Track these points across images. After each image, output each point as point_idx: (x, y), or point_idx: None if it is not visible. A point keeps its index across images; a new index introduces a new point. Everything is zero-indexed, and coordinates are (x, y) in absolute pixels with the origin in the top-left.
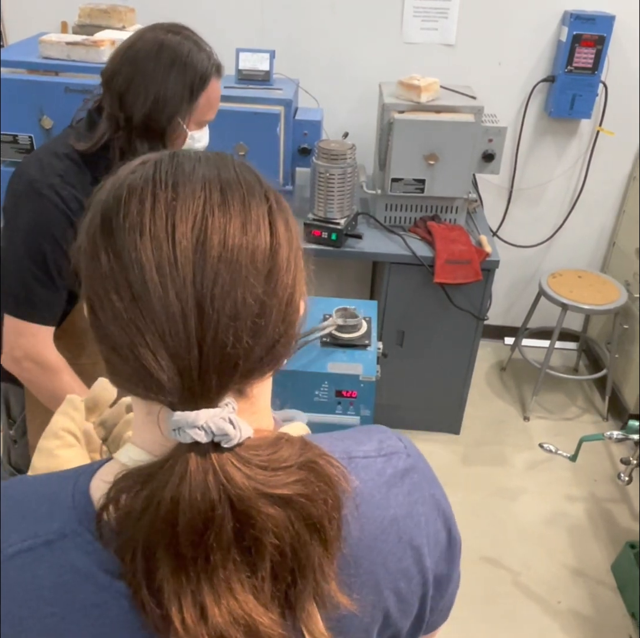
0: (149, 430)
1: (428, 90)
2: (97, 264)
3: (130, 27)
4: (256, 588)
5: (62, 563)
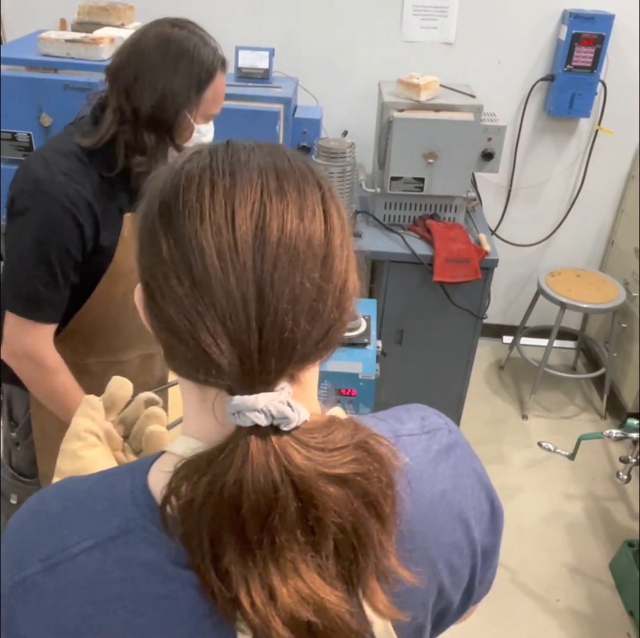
0: (203, 418)
1: (427, 88)
2: (156, 250)
3: (129, 25)
4: (321, 567)
5: (128, 558)
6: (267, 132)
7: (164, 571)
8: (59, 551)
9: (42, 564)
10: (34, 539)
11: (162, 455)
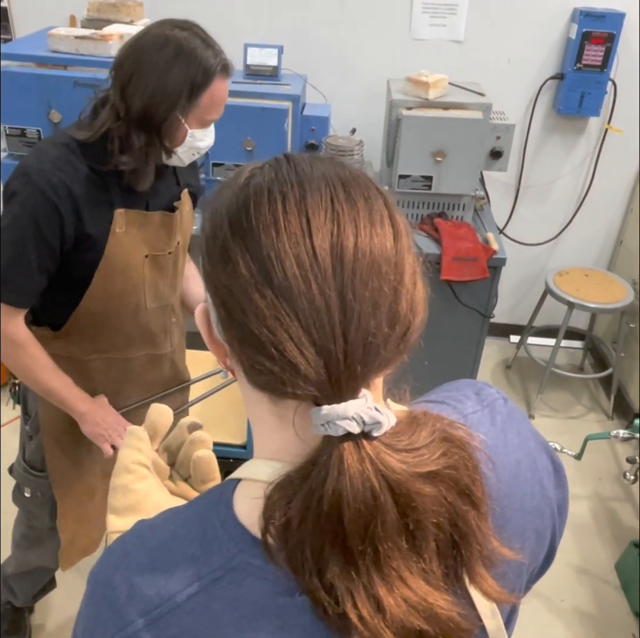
0: (281, 436)
1: (436, 86)
2: (232, 267)
3: (138, 22)
4: (425, 571)
5: (237, 597)
6: (275, 130)
7: (276, 603)
8: (161, 603)
9: (144, 619)
10: (128, 594)
11: (239, 483)
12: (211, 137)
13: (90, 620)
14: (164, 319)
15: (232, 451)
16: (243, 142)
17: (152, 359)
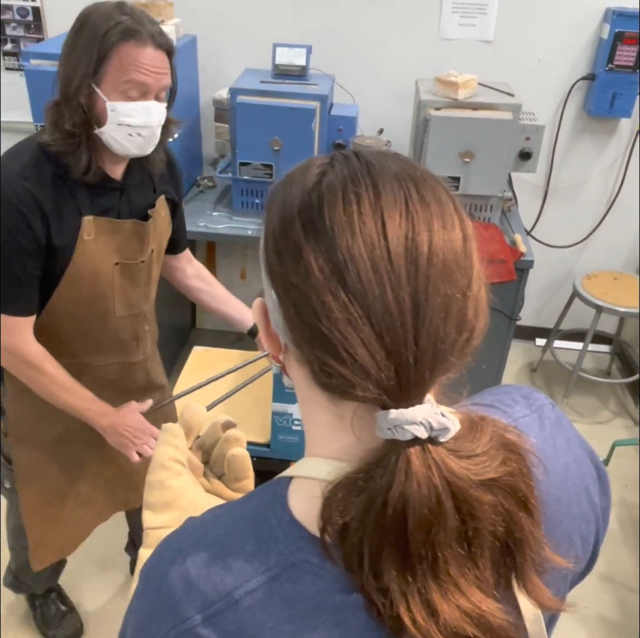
0: (338, 436)
1: (465, 87)
2: (305, 268)
3: (168, 21)
4: (479, 578)
5: (295, 594)
6: (302, 130)
7: (333, 600)
8: (218, 599)
9: (201, 615)
10: (184, 590)
11: (292, 480)
12: (147, 115)
13: (143, 616)
14: (136, 327)
15: (256, 450)
16: (270, 141)
17: (125, 368)
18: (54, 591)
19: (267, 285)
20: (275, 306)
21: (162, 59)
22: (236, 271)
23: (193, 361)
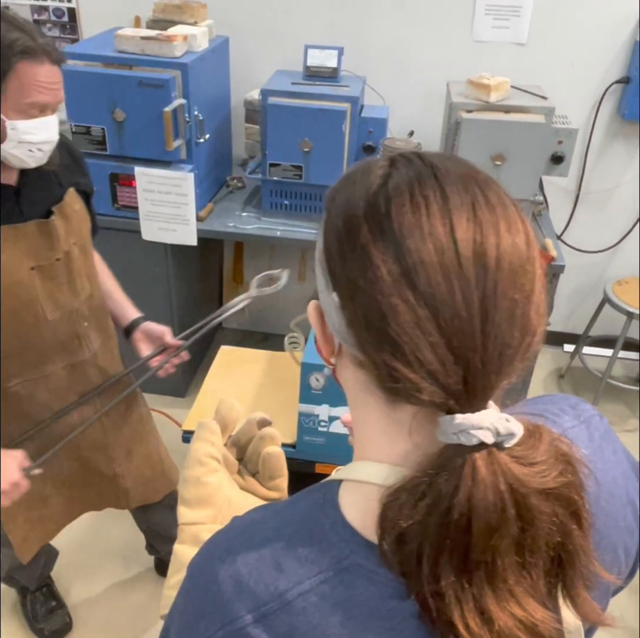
0: (393, 442)
1: (498, 89)
2: (374, 272)
3: (202, 23)
4: (532, 588)
5: (348, 598)
6: (333, 131)
7: (386, 606)
8: (270, 600)
9: (252, 615)
10: (235, 590)
11: (342, 483)
12: (47, 131)
13: (191, 615)
14: (73, 326)
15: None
16: (300, 143)
17: (75, 369)
18: (45, 586)
19: (325, 287)
20: (336, 308)
21: (57, 73)
22: (263, 271)
23: (220, 359)
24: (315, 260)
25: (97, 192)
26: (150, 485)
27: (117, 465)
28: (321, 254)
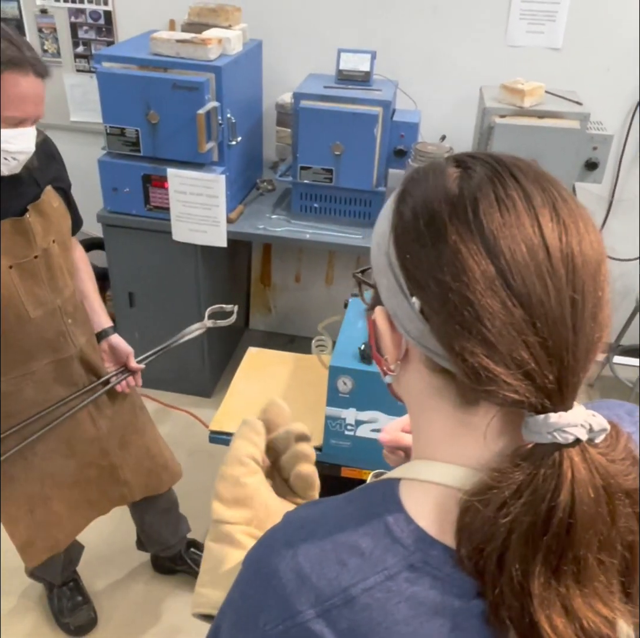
0: (460, 443)
1: (532, 94)
2: (465, 273)
3: (236, 26)
4: (613, 587)
5: (412, 595)
6: (364, 135)
7: (452, 604)
8: (333, 595)
9: (315, 610)
10: (296, 584)
11: (401, 482)
12: (25, 141)
13: (248, 609)
14: (56, 323)
15: None
16: (332, 146)
17: (61, 364)
18: (72, 580)
19: (399, 292)
20: (412, 312)
21: (40, 87)
22: (291, 274)
23: (248, 361)
24: (377, 268)
25: (130, 193)
26: (154, 477)
27: (112, 456)
28: (390, 259)
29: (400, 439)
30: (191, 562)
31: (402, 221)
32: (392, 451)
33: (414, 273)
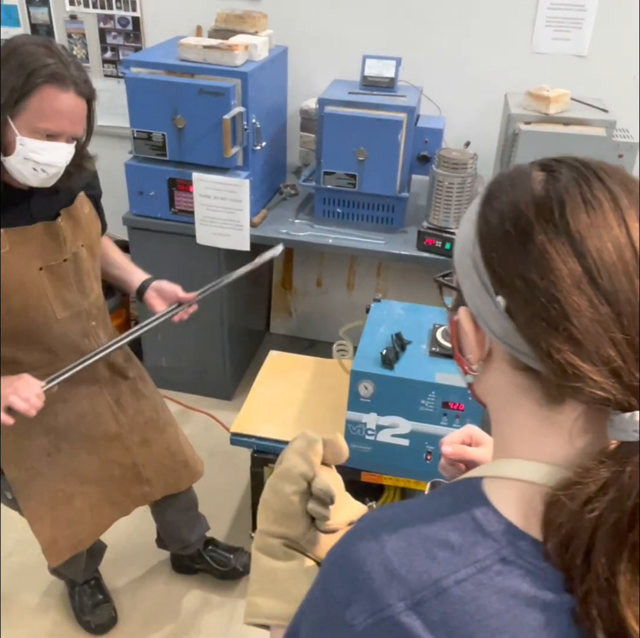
0: (545, 441)
1: (557, 101)
2: (552, 272)
3: (262, 33)
4: None
5: (504, 588)
6: (388, 141)
7: (542, 599)
8: (424, 588)
9: (404, 603)
10: (385, 577)
11: (483, 480)
12: (54, 155)
13: (333, 605)
14: (82, 325)
15: None
16: (356, 151)
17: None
18: (93, 579)
19: (483, 292)
20: (497, 311)
21: (81, 106)
22: (312, 278)
23: (269, 364)
24: (461, 270)
25: (156, 197)
26: (173, 475)
27: (134, 454)
28: (475, 261)
29: (464, 453)
30: (210, 560)
31: (488, 222)
32: (453, 463)
33: (499, 273)
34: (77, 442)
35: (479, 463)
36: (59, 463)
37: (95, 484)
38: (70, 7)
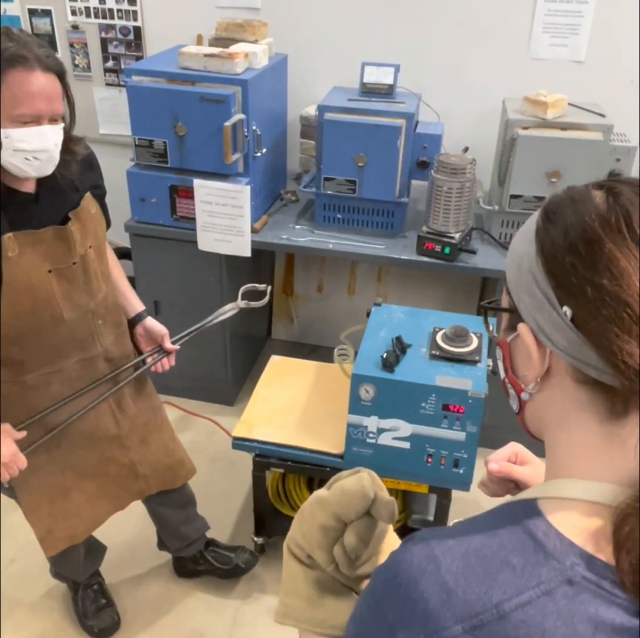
0: (607, 457)
1: (555, 106)
2: (624, 280)
3: (262, 41)
4: None
5: (571, 612)
6: (388, 147)
7: (613, 622)
8: (483, 611)
9: (462, 626)
10: (441, 598)
11: (538, 501)
12: (41, 139)
13: (384, 627)
14: (88, 325)
15: (329, 460)
16: (355, 157)
17: (87, 363)
18: (96, 583)
19: (546, 304)
20: (562, 322)
21: (52, 83)
22: (313, 284)
23: (271, 369)
24: (517, 288)
25: (157, 204)
26: (170, 472)
27: (132, 453)
28: (535, 276)
29: (512, 471)
30: (212, 559)
31: (550, 237)
32: (498, 481)
33: (565, 283)
34: (77, 440)
35: (524, 482)
36: (58, 458)
37: (93, 479)
38: (72, 17)
